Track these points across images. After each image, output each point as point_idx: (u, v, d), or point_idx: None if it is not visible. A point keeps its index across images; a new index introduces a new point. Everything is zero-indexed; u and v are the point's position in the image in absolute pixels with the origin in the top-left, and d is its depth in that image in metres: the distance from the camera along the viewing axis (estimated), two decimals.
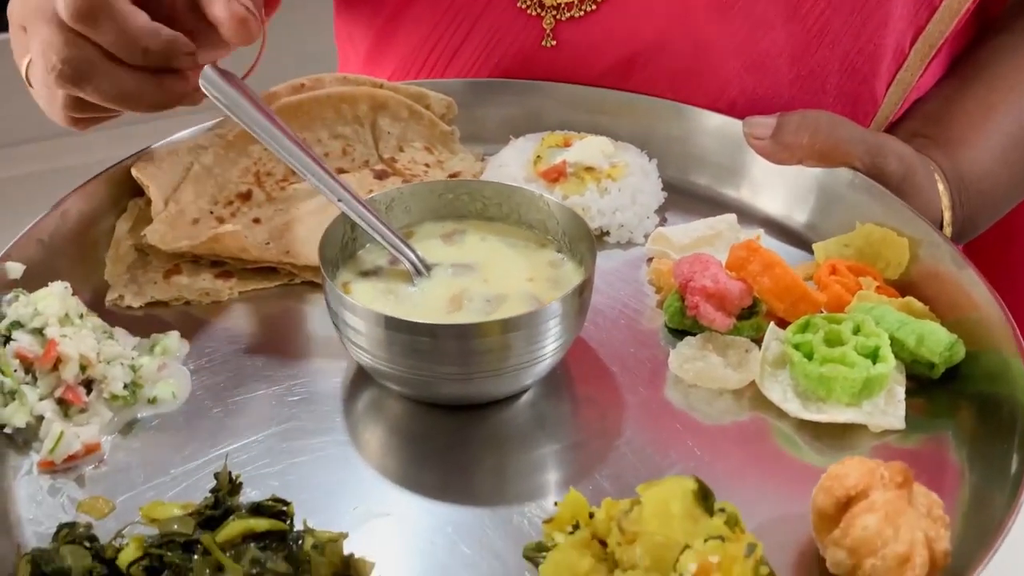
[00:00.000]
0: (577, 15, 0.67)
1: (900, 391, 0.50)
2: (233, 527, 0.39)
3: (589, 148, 0.66)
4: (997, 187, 0.68)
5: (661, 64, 0.68)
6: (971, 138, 0.67)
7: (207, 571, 0.37)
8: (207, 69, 0.51)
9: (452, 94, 0.70)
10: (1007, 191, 0.69)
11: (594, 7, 0.66)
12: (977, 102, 0.69)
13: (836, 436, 0.49)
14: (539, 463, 0.48)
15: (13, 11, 0.56)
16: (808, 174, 0.64)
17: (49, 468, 0.46)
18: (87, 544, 0.40)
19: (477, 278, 0.53)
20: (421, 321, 0.47)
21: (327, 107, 0.68)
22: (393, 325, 0.46)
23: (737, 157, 0.67)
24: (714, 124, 0.67)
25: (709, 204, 0.67)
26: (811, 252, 0.61)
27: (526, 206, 0.56)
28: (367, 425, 0.51)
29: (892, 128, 0.72)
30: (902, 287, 0.57)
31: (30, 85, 0.56)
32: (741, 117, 0.65)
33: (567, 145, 0.67)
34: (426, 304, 0.51)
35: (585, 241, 0.52)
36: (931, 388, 0.52)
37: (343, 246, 0.53)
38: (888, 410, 0.50)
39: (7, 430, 0.47)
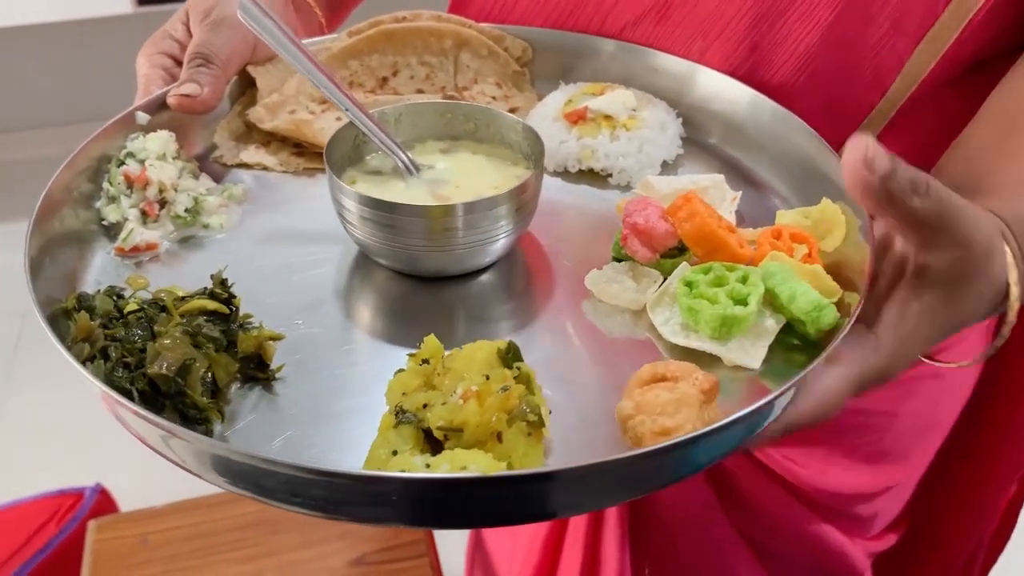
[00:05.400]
0: None
1: (768, 339, 0.57)
2: (192, 303, 0.56)
3: (613, 99, 0.75)
4: None
5: (683, 8, 0.75)
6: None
7: (168, 322, 0.54)
8: (245, 2, 0.66)
9: (526, 39, 0.83)
10: None
11: None
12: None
13: (703, 365, 0.57)
14: (464, 326, 0.61)
15: None
16: (813, 160, 0.69)
17: (121, 253, 0.65)
18: (115, 298, 0.58)
19: (451, 185, 0.66)
20: (389, 200, 0.61)
21: (418, 38, 0.83)
22: (370, 203, 0.60)
23: (749, 123, 0.74)
24: (733, 89, 0.74)
25: (721, 162, 0.75)
26: None
27: (506, 128, 0.68)
28: (354, 281, 0.65)
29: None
30: (835, 263, 0.62)
31: None
32: (763, 59, 0.71)
33: (600, 94, 0.77)
34: (410, 200, 0.65)
35: (538, 154, 0.63)
36: (811, 350, 0.58)
37: (354, 147, 0.67)
38: (750, 351, 0.57)
39: (104, 222, 0.67)
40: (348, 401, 0.55)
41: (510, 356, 0.50)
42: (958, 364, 0.63)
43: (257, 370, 0.55)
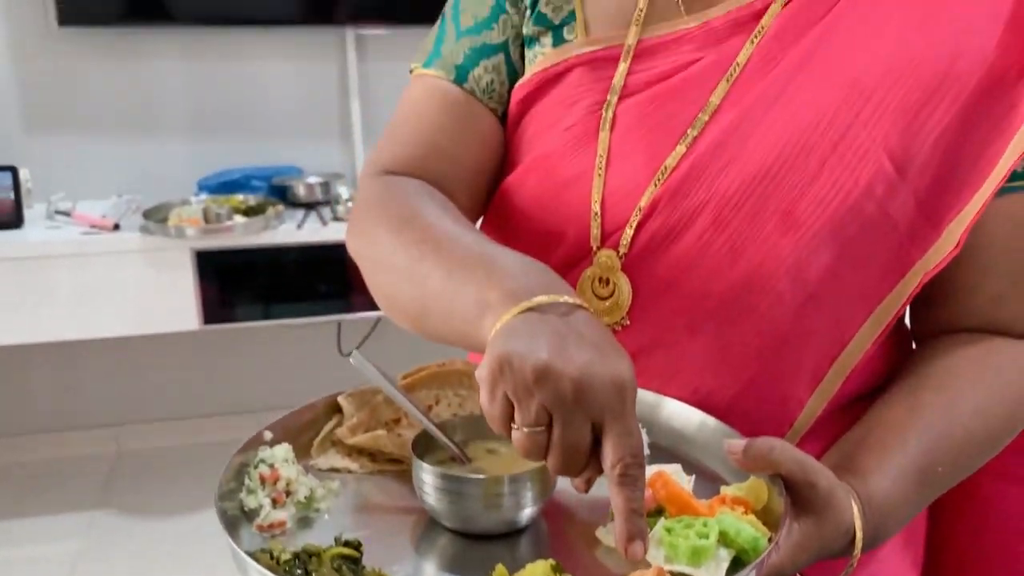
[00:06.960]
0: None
1: (725, 563, 0.83)
2: (333, 550, 0.81)
3: None
4: (899, 506, 0.96)
5: (653, 362, 1.08)
6: (876, 469, 0.96)
7: (319, 564, 0.79)
8: (356, 353, 0.99)
9: None
10: (908, 508, 0.98)
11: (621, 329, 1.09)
12: (877, 443, 0.99)
13: None
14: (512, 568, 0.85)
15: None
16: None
17: (260, 529, 0.90)
18: (271, 554, 0.83)
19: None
20: (450, 472, 0.89)
21: (453, 376, 1.15)
22: (443, 476, 0.88)
23: (699, 435, 1.05)
24: (687, 412, 1.06)
25: (678, 460, 1.04)
26: None
27: None
28: (424, 541, 0.91)
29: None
30: (763, 517, 0.90)
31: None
32: (702, 400, 1.04)
33: None
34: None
35: None
36: None
37: (426, 447, 0.97)
38: (714, 572, 0.83)
39: (245, 508, 0.93)
40: None
41: (558, 567, 0.76)
42: None
43: None
